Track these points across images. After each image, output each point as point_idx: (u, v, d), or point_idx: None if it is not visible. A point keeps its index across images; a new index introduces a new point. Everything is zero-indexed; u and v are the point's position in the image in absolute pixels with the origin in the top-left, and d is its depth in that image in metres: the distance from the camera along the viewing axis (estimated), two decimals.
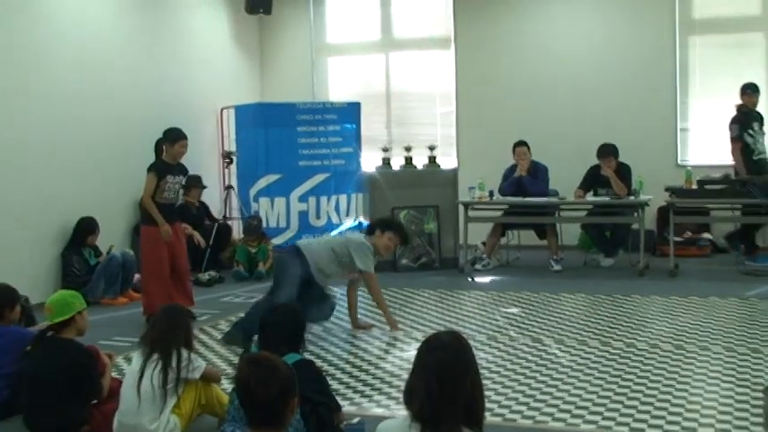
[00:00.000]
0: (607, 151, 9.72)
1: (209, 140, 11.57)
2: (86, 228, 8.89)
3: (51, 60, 8.77)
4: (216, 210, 11.10)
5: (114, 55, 9.71)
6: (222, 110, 11.65)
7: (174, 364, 4.39)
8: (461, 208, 9.98)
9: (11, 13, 8.28)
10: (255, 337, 4.69)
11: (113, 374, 5.12)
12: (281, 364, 3.07)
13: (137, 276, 9.10)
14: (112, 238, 9.28)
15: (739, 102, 9.69)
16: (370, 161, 11.12)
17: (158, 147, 7.86)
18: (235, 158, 11.17)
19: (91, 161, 9.25)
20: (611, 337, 6.64)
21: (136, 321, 7.77)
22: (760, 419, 4.53)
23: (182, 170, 7.93)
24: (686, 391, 5.26)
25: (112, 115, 9.58)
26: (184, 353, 4.49)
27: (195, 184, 10.52)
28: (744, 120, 9.60)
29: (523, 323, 7.25)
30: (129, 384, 4.42)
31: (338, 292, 7.72)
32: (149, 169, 7.69)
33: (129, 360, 5.93)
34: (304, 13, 12.77)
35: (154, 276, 7.72)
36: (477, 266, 10.06)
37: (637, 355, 6.12)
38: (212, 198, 11.15)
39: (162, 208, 7.68)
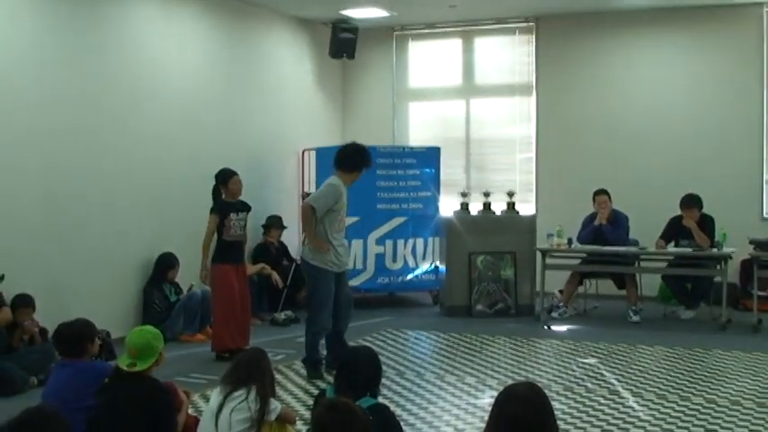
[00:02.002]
0: (691, 202, 9.57)
1: (290, 182, 11.72)
2: (166, 262, 9.07)
3: (139, 99, 9.01)
4: (294, 250, 11.20)
5: (198, 94, 9.94)
6: (303, 152, 11.80)
7: (257, 405, 4.40)
8: (539, 255, 9.91)
9: (100, 51, 8.54)
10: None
11: (190, 412, 5.17)
12: (359, 410, 3.09)
13: None
14: (192, 275, 9.41)
15: None
16: (448, 206, 11.12)
17: (216, 191, 8.10)
18: None
19: (173, 199, 9.43)
20: (690, 392, 6.51)
21: (213, 359, 7.88)
22: None
23: (244, 206, 8.15)
24: None
25: (195, 154, 9.77)
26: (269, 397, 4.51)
27: (275, 224, 10.67)
28: None
29: (600, 374, 7.15)
30: (206, 422, 4.46)
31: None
32: (211, 211, 7.94)
33: (206, 398, 6.01)
34: (387, 58, 12.92)
35: (224, 314, 7.90)
36: (554, 314, 9.96)
37: (717, 411, 5.98)
38: (291, 238, 11.26)
39: (230, 246, 7.92)
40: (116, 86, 8.72)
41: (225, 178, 8.03)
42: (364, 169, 7.52)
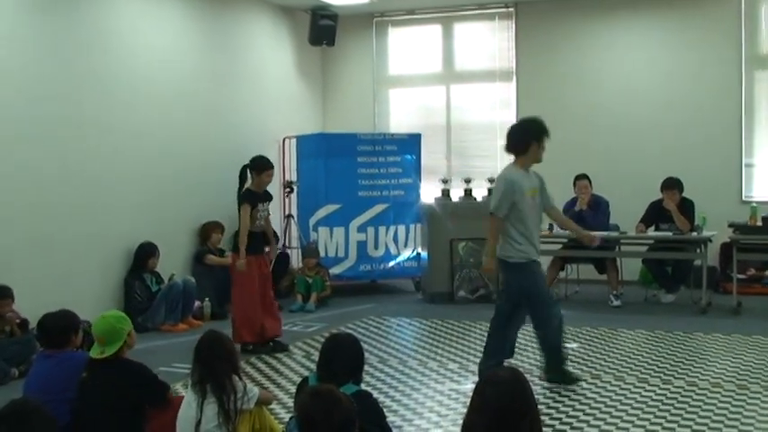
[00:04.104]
0: (672, 184, 9.61)
1: None
2: (146, 251, 9.03)
3: (117, 90, 8.95)
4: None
5: (178, 84, 9.90)
6: (284, 139, 11.77)
7: (229, 398, 4.38)
8: None
9: (76, 43, 8.48)
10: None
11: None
12: (343, 397, 3.09)
13: (197, 303, 9.22)
14: (173, 265, 9.41)
15: None
16: (429, 192, 11.14)
17: (243, 173, 7.85)
18: (295, 188, 11.27)
19: (153, 189, 9.40)
20: (671, 375, 6.55)
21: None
22: None
23: (268, 196, 7.96)
24: None
25: (175, 144, 9.75)
26: (239, 384, 4.48)
27: None
28: None
29: (582, 359, 7.18)
30: (184, 417, 4.41)
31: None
32: (242, 200, 7.69)
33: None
34: (367, 44, 12.89)
35: (243, 307, 7.71)
36: None
37: (698, 394, 6.02)
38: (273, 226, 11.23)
39: (254, 237, 7.70)
40: (94, 77, 8.66)
41: (260, 168, 7.75)
42: (536, 142, 6.63)
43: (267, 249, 7.98)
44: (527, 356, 7.29)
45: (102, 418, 4.54)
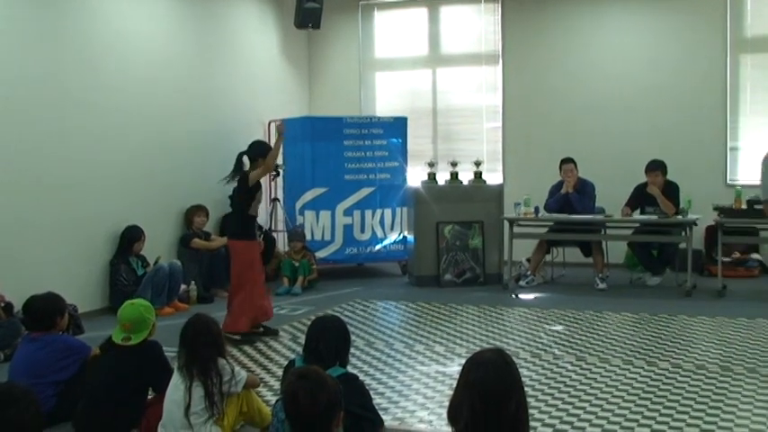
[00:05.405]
0: (655, 166, 9.66)
1: None
2: (132, 235, 8.97)
3: (102, 73, 8.88)
4: (262, 221, 11.15)
5: (164, 67, 9.84)
6: (270, 123, 11.74)
7: (214, 382, 4.40)
8: (506, 224, 9.95)
9: (62, 26, 8.41)
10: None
11: None
12: (329, 379, 3.10)
13: (183, 287, 9.20)
14: (159, 249, 9.38)
15: None
16: (415, 176, 11.14)
17: (239, 159, 7.69)
18: (282, 171, 11.23)
19: (139, 172, 9.35)
20: (656, 357, 6.58)
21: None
22: None
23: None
24: (733, 413, 5.19)
25: (161, 127, 9.70)
26: (227, 368, 4.49)
27: None
28: None
29: (568, 341, 7.21)
30: (171, 399, 4.42)
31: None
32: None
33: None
34: (353, 28, 12.86)
35: (245, 295, 7.49)
36: (522, 283, 10.02)
37: (683, 375, 6.06)
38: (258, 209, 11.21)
39: (253, 221, 7.61)
40: (79, 59, 8.59)
41: (264, 154, 7.55)
42: None
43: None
44: (514, 339, 7.32)
45: (109, 394, 4.56)
